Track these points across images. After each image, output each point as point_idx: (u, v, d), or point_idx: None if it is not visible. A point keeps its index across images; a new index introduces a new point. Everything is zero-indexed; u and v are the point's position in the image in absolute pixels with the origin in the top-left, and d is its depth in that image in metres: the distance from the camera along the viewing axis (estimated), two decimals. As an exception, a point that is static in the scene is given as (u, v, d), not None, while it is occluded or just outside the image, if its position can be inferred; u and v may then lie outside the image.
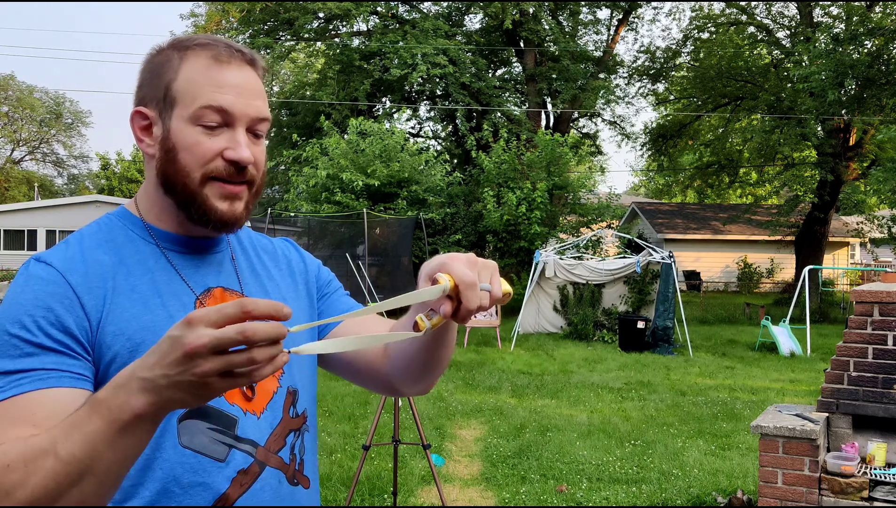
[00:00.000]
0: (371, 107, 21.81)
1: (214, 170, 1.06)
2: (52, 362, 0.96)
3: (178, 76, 1.07)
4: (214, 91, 1.05)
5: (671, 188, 31.64)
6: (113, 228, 1.11)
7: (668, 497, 4.75)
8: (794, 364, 10.55)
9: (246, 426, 1.07)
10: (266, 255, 1.27)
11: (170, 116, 1.07)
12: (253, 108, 1.08)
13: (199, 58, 1.07)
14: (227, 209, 1.08)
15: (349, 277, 16.06)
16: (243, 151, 1.06)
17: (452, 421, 6.81)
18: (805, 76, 16.66)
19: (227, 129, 1.07)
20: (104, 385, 0.88)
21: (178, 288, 1.08)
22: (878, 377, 3.77)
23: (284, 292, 1.23)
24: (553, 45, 20.92)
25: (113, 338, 1.01)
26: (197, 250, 1.14)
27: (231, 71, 1.07)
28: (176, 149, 1.06)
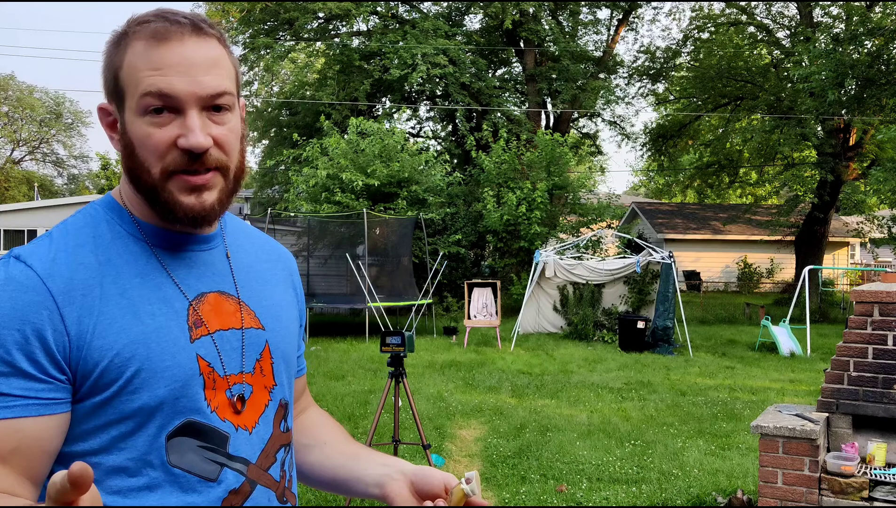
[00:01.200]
0: (371, 107, 21.80)
1: (172, 163, 0.96)
2: (19, 387, 0.89)
3: (122, 64, 0.97)
4: (152, 74, 0.94)
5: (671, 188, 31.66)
6: (99, 222, 1.02)
7: (668, 497, 4.75)
8: (794, 364, 10.55)
9: (238, 442, 1.01)
10: (265, 255, 1.18)
11: (122, 109, 0.98)
12: (201, 85, 0.96)
13: (139, 39, 0.96)
14: (194, 203, 0.98)
15: (349, 277, 16.06)
16: (196, 137, 0.95)
17: (452, 421, 6.81)
18: (805, 76, 16.66)
19: (177, 114, 0.96)
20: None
21: (170, 293, 1.00)
22: (878, 377, 3.77)
23: (280, 300, 1.16)
24: (553, 45, 20.92)
25: (101, 354, 0.93)
26: (187, 246, 1.05)
27: (171, 47, 0.95)
28: (132, 144, 0.98)
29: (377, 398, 7.63)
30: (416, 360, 10.31)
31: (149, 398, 0.94)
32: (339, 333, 13.78)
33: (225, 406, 1.00)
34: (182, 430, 0.97)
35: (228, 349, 1.02)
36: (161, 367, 0.95)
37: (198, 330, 1.00)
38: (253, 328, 1.07)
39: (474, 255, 19.08)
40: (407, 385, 4.33)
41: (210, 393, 0.99)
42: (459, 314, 15.54)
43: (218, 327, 1.02)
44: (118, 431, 0.94)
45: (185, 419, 0.96)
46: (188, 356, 0.98)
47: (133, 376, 0.93)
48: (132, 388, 0.93)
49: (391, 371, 4.31)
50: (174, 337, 0.97)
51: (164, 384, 0.95)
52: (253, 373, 1.05)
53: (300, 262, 16.94)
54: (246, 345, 1.05)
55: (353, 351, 11.45)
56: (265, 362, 1.07)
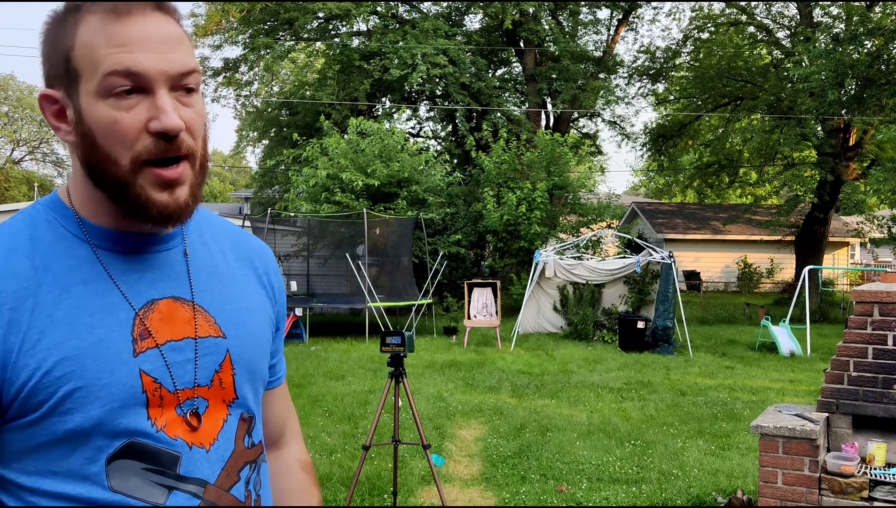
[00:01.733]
0: (371, 107, 21.80)
1: (144, 151, 0.88)
2: None
3: (75, 42, 0.87)
4: (118, 51, 0.86)
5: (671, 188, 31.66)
6: (38, 224, 0.92)
7: (668, 497, 4.75)
8: (794, 364, 10.55)
9: (192, 462, 0.92)
10: (235, 251, 1.08)
11: (77, 93, 0.88)
12: (170, 62, 0.88)
13: (93, 15, 0.87)
14: (168, 200, 0.90)
15: (349, 277, 16.05)
16: (170, 118, 0.87)
17: (452, 421, 6.81)
18: (805, 76, 16.66)
19: (145, 95, 0.87)
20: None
21: (114, 301, 0.91)
22: (878, 377, 3.77)
23: (249, 303, 1.05)
24: (553, 45, 20.92)
25: (28, 373, 0.85)
26: (139, 248, 0.95)
27: (134, 22, 0.87)
28: (92, 133, 0.88)
29: (377, 398, 7.63)
30: (416, 360, 10.31)
31: (82, 420, 0.86)
32: (339, 333, 13.79)
33: (176, 424, 0.92)
34: (124, 452, 0.88)
35: (181, 361, 0.94)
36: (97, 386, 0.87)
37: (143, 342, 0.91)
38: (211, 336, 0.98)
39: (474, 255, 19.08)
40: (407, 385, 4.33)
41: (155, 411, 0.90)
42: (459, 314, 15.54)
43: (169, 337, 0.93)
44: (51, 454, 0.86)
45: (126, 441, 0.88)
46: (129, 372, 0.89)
47: (65, 396, 0.85)
48: (64, 409, 0.85)
49: (391, 371, 4.31)
50: (115, 352, 0.89)
51: (100, 404, 0.87)
52: (210, 386, 0.96)
53: (300, 262, 16.95)
54: (200, 356, 0.96)
55: (353, 351, 11.45)
56: (225, 373, 0.98)
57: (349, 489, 4.52)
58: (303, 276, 16.73)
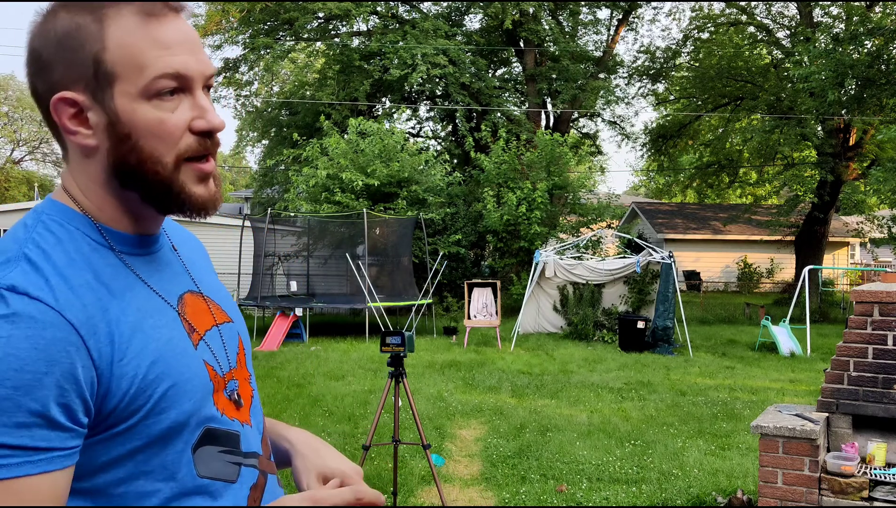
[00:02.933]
0: (371, 107, 21.80)
1: (187, 149, 0.91)
2: (44, 437, 0.80)
3: (106, 44, 0.86)
4: (164, 54, 0.87)
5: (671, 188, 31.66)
6: (71, 235, 0.91)
7: (668, 497, 4.75)
8: (794, 364, 10.55)
9: (246, 438, 1.00)
10: (189, 243, 1.13)
11: (110, 95, 0.87)
12: (204, 63, 0.92)
13: (124, 16, 0.87)
14: (204, 193, 0.94)
15: (349, 277, 16.05)
16: (213, 118, 0.91)
17: (452, 421, 6.81)
18: (805, 76, 16.66)
19: (185, 95, 0.90)
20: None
21: (157, 302, 0.94)
22: (878, 377, 3.77)
23: (223, 288, 1.12)
24: (553, 45, 20.92)
25: (129, 381, 0.86)
26: (147, 249, 0.98)
27: (170, 25, 0.89)
28: (134, 134, 0.88)
29: (377, 398, 7.63)
30: (416, 360, 10.31)
31: (177, 416, 0.90)
32: (339, 333, 13.78)
33: (229, 406, 0.98)
34: (203, 440, 0.93)
35: (218, 349, 0.99)
36: (184, 380, 0.91)
37: (194, 335, 0.96)
38: (225, 322, 1.04)
39: (474, 255, 19.08)
40: (407, 385, 4.33)
41: (217, 397, 0.96)
42: (459, 314, 15.54)
43: (204, 328, 0.99)
44: (143, 455, 0.88)
45: (203, 429, 0.93)
46: (198, 364, 0.94)
47: (161, 396, 0.88)
48: (160, 409, 0.88)
49: (391, 371, 4.31)
50: (183, 348, 0.93)
51: (188, 397, 0.91)
52: (236, 367, 1.03)
53: (300, 262, 16.96)
54: (226, 341, 1.02)
55: (353, 351, 11.45)
56: (241, 354, 1.06)
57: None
58: (303, 276, 16.73)
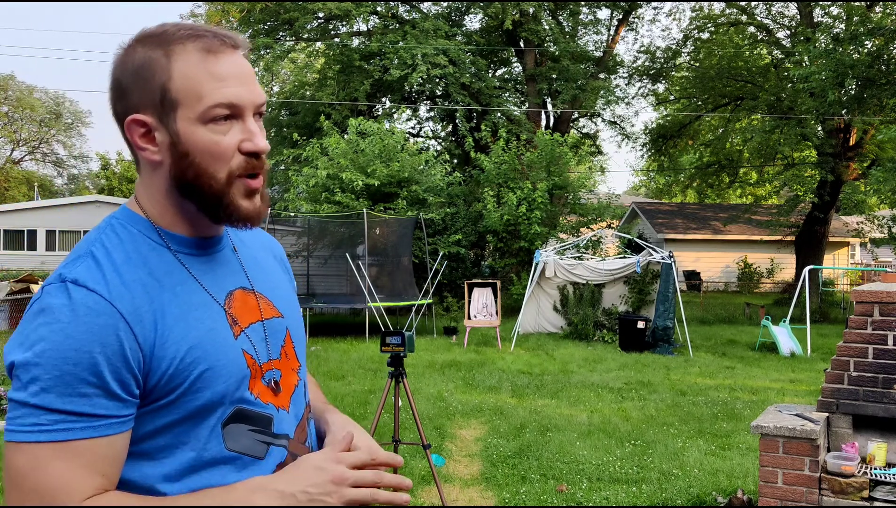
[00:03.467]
0: (371, 107, 21.80)
1: (238, 168, 1.06)
2: (103, 406, 0.97)
3: (172, 75, 1.03)
4: (219, 85, 1.03)
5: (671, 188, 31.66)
6: (134, 236, 1.07)
7: (668, 497, 4.75)
8: (794, 364, 10.54)
9: (280, 422, 1.13)
10: (258, 244, 1.28)
11: (173, 119, 1.04)
12: (255, 94, 1.07)
13: (188, 52, 1.03)
14: (251, 207, 1.09)
15: (349, 277, 16.05)
16: (260, 141, 1.07)
17: (452, 421, 6.81)
18: (805, 76, 16.65)
19: (237, 121, 1.06)
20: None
21: (204, 298, 1.09)
22: (878, 377, 3.77)
23: (285, 286, 1.26)
24: (553, 45, 20.92)
25: (168, 362, 1.01)
26: (207, 250, 1.13)
27: (226, 60, 1.05)
28: (192, 153, 1.04)
29: (377, 398, 7.63)
30: (416, 360, 10.31)
31: (211, 395, 1.04)
32: (339, 333, 13.78)
33: (265, 392, 1.11)
34: (233, 418, 1.07)
35: (259, 341, 1.13)
36: (219, 366, 1.05)
37: (236, 327, 1.10)
38: (274, 317, 1.18)
39: (474, 255, 19.07)
40: (407, 385, 4.33)
41: (253, 382, 1.10)
42: (459, 314, 15.54)
43: (249, 321, 1.13)
44: (184, 427, 1.04)
45: (235, 408, 1.07)
46: (236, 353, 1.08)
47: (198, 377, 1.03)
48: (196, 388, 1.03)
49: (391, 371, 4.31)
50: (223, 337, 1.07)
51: (222, 380, 1.05)
52: (280, 358, 1.16)
53: (300, 262, 16.95)
54: (269, 334, 1.15)
55: (353, 351, 11.45)
56: (288, 346, 1.19)
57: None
58: (303, 276, 16.72)
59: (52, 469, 0.94)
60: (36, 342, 0.95)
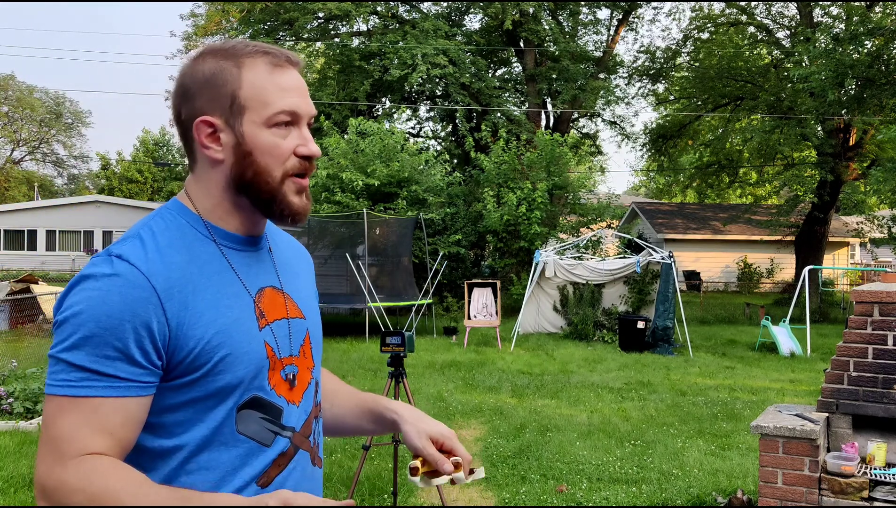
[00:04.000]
0: (371, 107, 21.80)
1: (291, 168, 1.17)
2: (126, 371, 1.06)
3: (242, 84, 1.15)
4: (284, 95, 1.16)
5: (671, 188, 31.65)
6: (181, 225, 1.17)
7: (668, 497, 4.75)
8: (794, 364, 10.54)
9: (290, 414, 1.21)
10: (292, 251, 1.37)
11: (240, 122, 1.15)
12: (310, 106, 1.20)
13: (257, 65, 1.16)
14: (300, 203, 1.20)
15: (349, 277, 16.04)
16: (313, 147, 1.19)
17: (452, 421, 6.81)
18: (805, 76, 16.65)
19: (294, 127, 1.18)
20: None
21: (238, 289, 1.18)
22: (878, 377, 3.77)
23: (311, 292, 1.36)
24: (553, 45, 20.91)
25: (195, 342, 1.10)
26: (249, 247, 1.23)
27: (288, 75, 1.18)
28: (254, 153, 1.16)
29: (377, 398, 7.61)
30: (416, 360, 10.31)
31: (231, 378, 1.12)
32: (339, 333, 13.78)
33: (281, 385, 1.20)
34: (248, 404, 1.15)
35: (282, 336, 1.22)
36: (241, 352, 1.14)
37: (262, 320, 1.19)
38: (297, 317, 1.27)
39: (474, 255, 19.07)
40: (407, 385, 4.33)
41: (271, 374, 1.18)
42: (459, 314, 15.54)
43: (274, 317, 1.21)
44: (203, 405, 1.12)
45: (252, 395, 1.15)
46: (258, 343, 1.17)
47: (220, 360, 1.11)
48: (218, 370, 1.11)
49: (391, 371, 4.31)
50: (248, 327, 1.16)
51: (244, 366, 1.14)
52: (299, 356, 1.25)
53: (300, 262, 16.93)
54: (293, 332, 1.25)
55: (353, 351, 11.45)
56: (307, 346, 1.28)
57: (349, 489, 4.53)
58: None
59: (67, 420, 1.03)
60: (75, 304, 1.05)
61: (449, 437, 1.29)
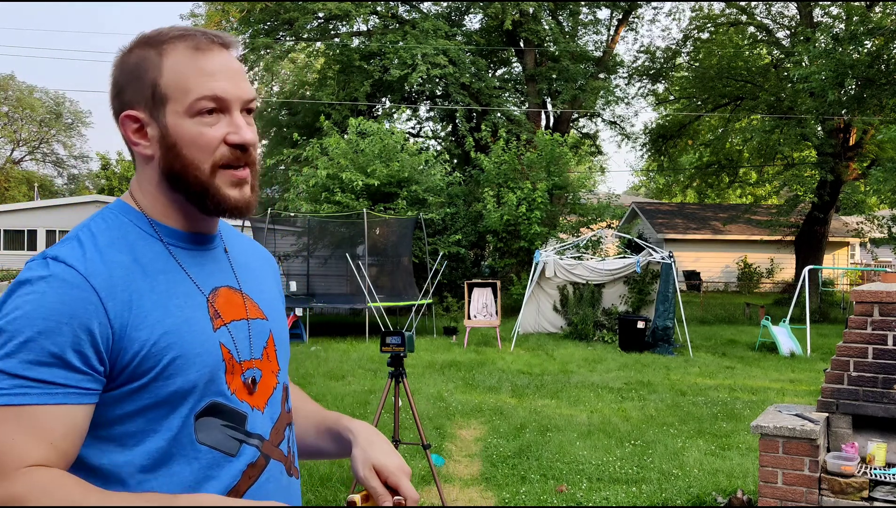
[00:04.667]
0: (371, 107, 21.79)
1: (221, 158, 1.08)
2: (64, 376, 0.98)
3: (162, 73, 1.07)
4: (206, 80, 1.06)
5: (671, 188, 31.65)
6: (123, 224, 1.10)
7: (668, 497, 4.75)
8: (794, 364, 10.54)
9: (254, 421, 1.12)
10: (254, 254, 1.30)
11: (163, 113, 1.07)
12: (243, 89, 1.10)
13: (178, 50, 1.07)
14: (238, 196, 1.11)
15: (349, 277, 16.04)
16: (245, 134, 1.09)
17: (452, 421, 6.81)
18: (805, 76, 16.65)
19: (223, 114, 1.08)
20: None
21: (190, 289, 1.10)
22: (878, 377, 3.77)
23: (274, 294, 1.28)
24: (553, 45, 20.91)
25: (140, 344, 1.02)
26: (199, 245, 1.15)
27: (214, 57, 1.08)
28: (178, 145, 1.07)
29: (377, 398, 7.63)
30: (416, 360, 10.31)
31: (182, 383, 1.04)
32: (339, 333, 13.78)
33: (241, 389, 1.12)
34: (208, 411, 1.07)
35: (241, 338, 1.14)
36: (192, 354, 1.06)
37: (217, 321, 1.11)
38: (259, 318, 1.19)
39: (474, 255, 19.07)
40: (407, 385, 4.33)
41: (229, 377, 1.10)
42: (459, 314, 15.54)
43: (231, 317, 1.14)
44: (156, 413, 1.04)
45: (210, 401, 1.07)
46: (213, 344, 1.09)
47: (169, 363, 1.03)
48: (167, 374, 1.03)
49: (391, 371, 4.31)
50: (200, 327, 1.08)
51: (196, 369, 1.06)
52: (262, 359, 1.17)
53: (300, 262, 16.95)
54: (253, 334, 1.16)
55: (353, 351, 11.45)
56: (270, 349, 1.20)
57: (349, 489, 4.52)
58: (303, 276, 16.71)
59: (2, 430, 0.95)
60: (11, 312, 0.98)
61: (395, 472, 1.18)
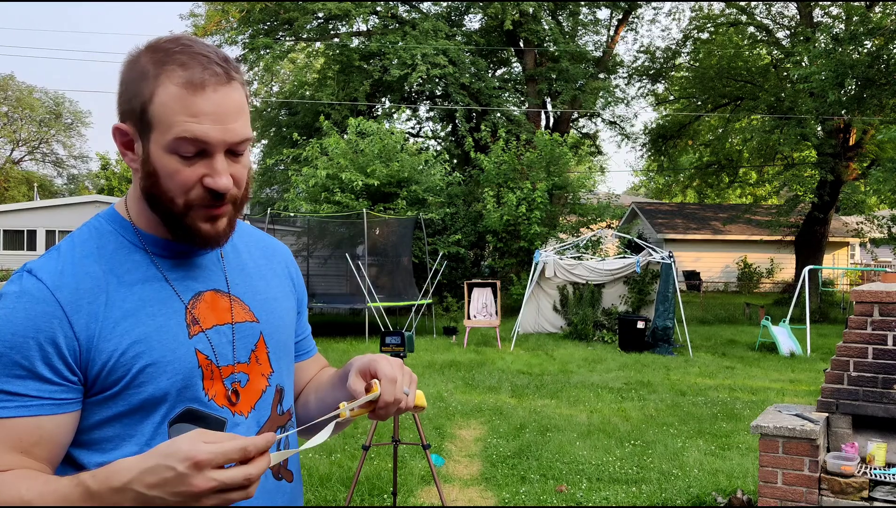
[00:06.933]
0: (371, 107, 21.79)
1: (196, 198, 1.06)
2: (35, 388, 1.01)
3: (152, 99, 1.03)
4: (189, 121, 1.02)
5: (671, 188, 31.65)
6: (103, 234, 1.11)
7: (668, 497, 4.75)
8: (794, 364, 10.54)
9: (234, 426, 1.12)
10: (259, 251, 1.28)
11: (148, 138, 1.05)
12: (230, 132, 1.05)
13: (172, 81, 1.03)
14: (210, 230, 1.09)
15: (349, 277, 16.04)
16: (221, 180, 1.05)
17: (452, 421, 6.81)
18: (805, 76, 16.65)
19: (205, 157, 1.05)
20: (98, 470, 0.96)
21: (168, 296, 1.10)
22: (878, 377, 3.77)
23: (275, 293, 1.26)
24: (553, 45, 20.91)
25: (108, 354, 1.04)
26: (185, 254, 1.14)
27: (206, 96, 1.03)
28: (157, 174, 1.06)
29: (377, 398, 7.61)
30: (416, 360, 10.31)
31: (153, 390, 1.05)
32: (338, 333, 13.78)
33: (221, 395, 1.11)
34: (182, 417, 1.07)
35: (222, 343, 1.13)
36: (164, 362, 1.06)
37: (195, 327, 1.10)
38: (247, 321, 1.18)
39: (474, 255, 19.06)
40: (407, 385, 4.32)
41: (208, 383, 1.10)
42: (459, 314, 15.54)
43: (213, 322, 1.13)
44: (129, 420, 1.05)
45: (185, 407, 1.08)
46: (187, 351, 1.08)
47: (139, 371, 1.04)
48: (138, 382, 1.05)
49: (391, 371, 4.30)
50: (173, 335, 1.08)
51: (167, 377, 1.06)
52: (248, 363, 1.16)
53: (300, 262, 16.93)
54: (238, 337, 1.15)
55: (352, 351, 11.45)
56: (261, 351, 1.18)
57: (349, 489, 4.52)
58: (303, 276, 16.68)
59: None
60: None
61: (388, 374, 1.12)
